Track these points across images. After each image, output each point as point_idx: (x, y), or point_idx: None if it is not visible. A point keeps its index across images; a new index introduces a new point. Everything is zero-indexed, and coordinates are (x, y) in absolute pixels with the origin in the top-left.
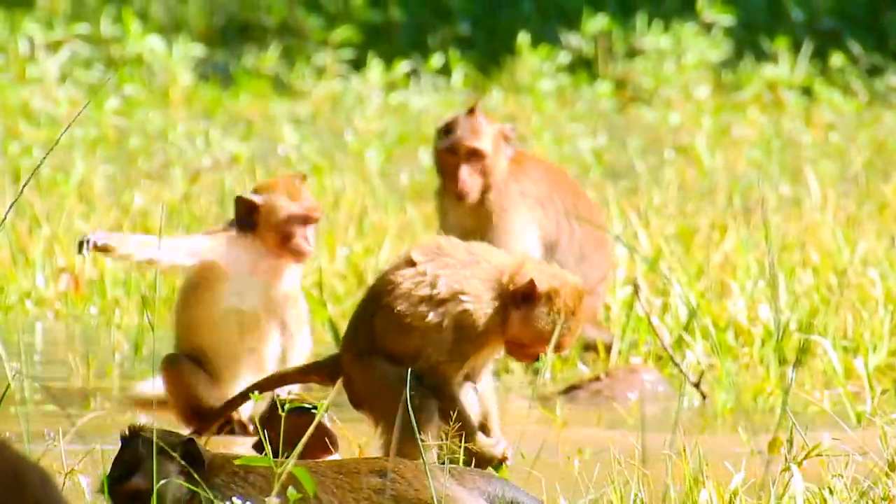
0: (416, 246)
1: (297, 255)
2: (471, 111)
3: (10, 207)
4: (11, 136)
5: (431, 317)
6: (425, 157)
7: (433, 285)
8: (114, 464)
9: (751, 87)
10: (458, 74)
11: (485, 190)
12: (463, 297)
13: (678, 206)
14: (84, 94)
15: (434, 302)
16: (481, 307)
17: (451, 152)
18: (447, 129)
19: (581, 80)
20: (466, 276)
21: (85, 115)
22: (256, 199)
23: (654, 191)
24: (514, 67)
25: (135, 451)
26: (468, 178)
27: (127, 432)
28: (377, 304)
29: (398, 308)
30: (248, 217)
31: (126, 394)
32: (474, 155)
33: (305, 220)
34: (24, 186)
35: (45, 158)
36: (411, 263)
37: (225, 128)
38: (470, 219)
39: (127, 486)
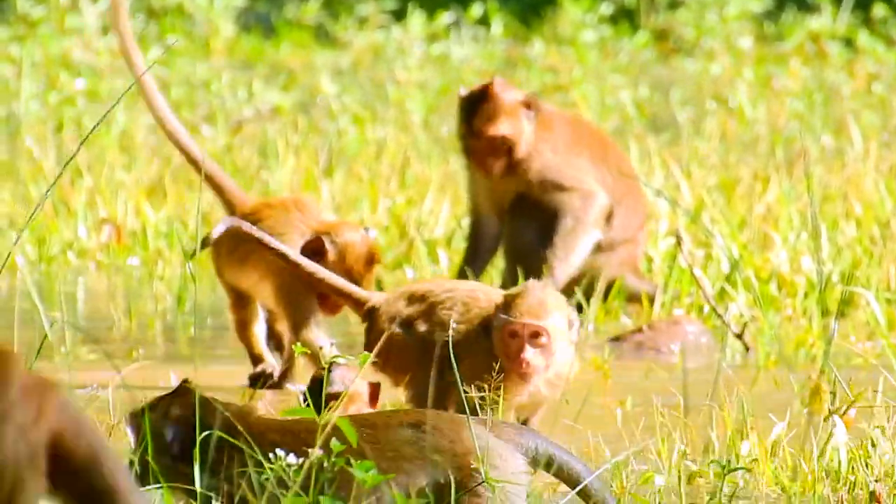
0: None
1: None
2: (489, 90)
3: (65, 167)
4: (52, 87)
5: None
6: None
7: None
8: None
9: (793, 39)
10: (498, 25)
11: (516, 164)
12: None
13: (720, 157)
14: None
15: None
16: None
17: (474, 138)
18: (468, 110)
19: (623, 31)
20: None
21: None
22: (329, 247)
23: (695, 142)
24: (556, 18)
25: (187, 399)
26: (494, 162)
27: (186, 383)
28: None
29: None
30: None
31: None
32: (497, 140)
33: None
34: (78, 148)
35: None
36: None
37: (266, 78)
38: (507, 187)
39: (162, 409)
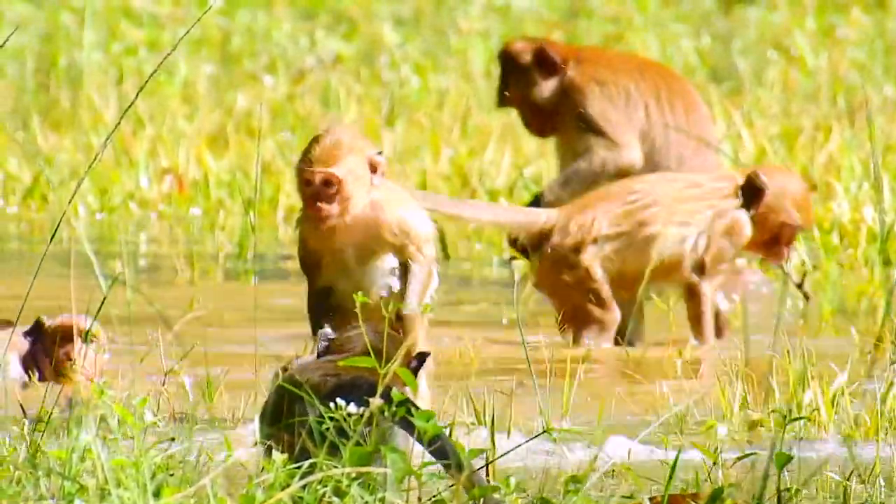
0: None
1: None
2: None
3: (122, 116)
4: (113, 37)
5: None
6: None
7: None
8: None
9: None
10: None
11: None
12: None
13: (782, 106)
14: None
15: None
16: None
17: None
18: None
19: None
20: None
21: (188, 16)
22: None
23: (757, 91)
24: None
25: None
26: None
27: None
28: None
29: None
30: None
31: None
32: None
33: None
34: (136, 97)
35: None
36: None
37: (328, 27)
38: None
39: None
